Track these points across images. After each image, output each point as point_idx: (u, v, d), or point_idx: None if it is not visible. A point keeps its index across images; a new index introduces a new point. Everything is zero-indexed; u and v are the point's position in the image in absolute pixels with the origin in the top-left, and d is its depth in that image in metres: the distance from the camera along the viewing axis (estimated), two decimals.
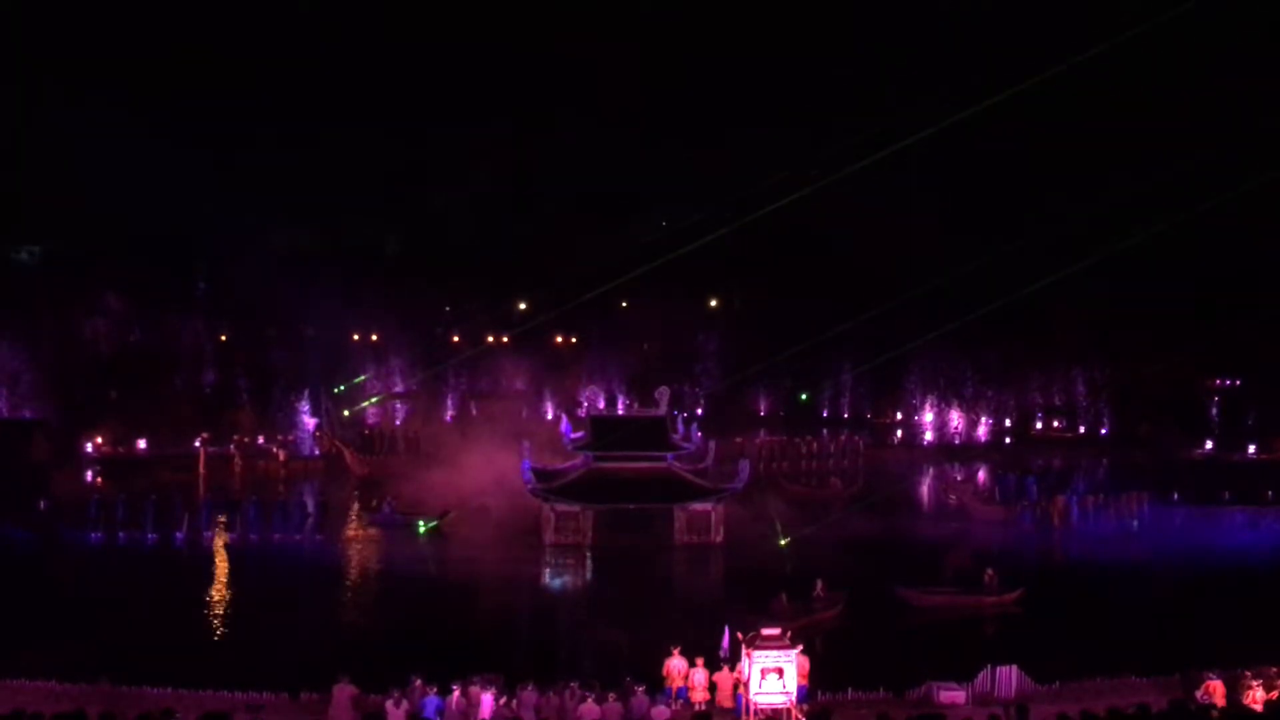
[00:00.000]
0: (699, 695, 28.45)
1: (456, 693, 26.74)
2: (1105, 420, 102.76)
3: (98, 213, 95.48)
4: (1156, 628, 36.79)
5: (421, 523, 55.37)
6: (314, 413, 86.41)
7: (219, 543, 52.51)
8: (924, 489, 76.75)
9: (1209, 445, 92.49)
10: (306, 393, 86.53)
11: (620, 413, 61.84)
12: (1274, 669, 28.10)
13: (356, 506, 62.85)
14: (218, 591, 44.09)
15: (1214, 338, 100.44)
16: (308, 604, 41.66)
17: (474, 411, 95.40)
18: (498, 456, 63.94)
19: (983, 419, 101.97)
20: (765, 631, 27.56)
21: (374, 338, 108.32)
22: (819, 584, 39.54)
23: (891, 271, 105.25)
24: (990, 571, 42.14)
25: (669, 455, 53.31)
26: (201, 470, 76.16)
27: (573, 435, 55.65)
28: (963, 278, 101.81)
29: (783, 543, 50.57)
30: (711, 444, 57.23)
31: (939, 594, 41.60)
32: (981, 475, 77.78)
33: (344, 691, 26.70)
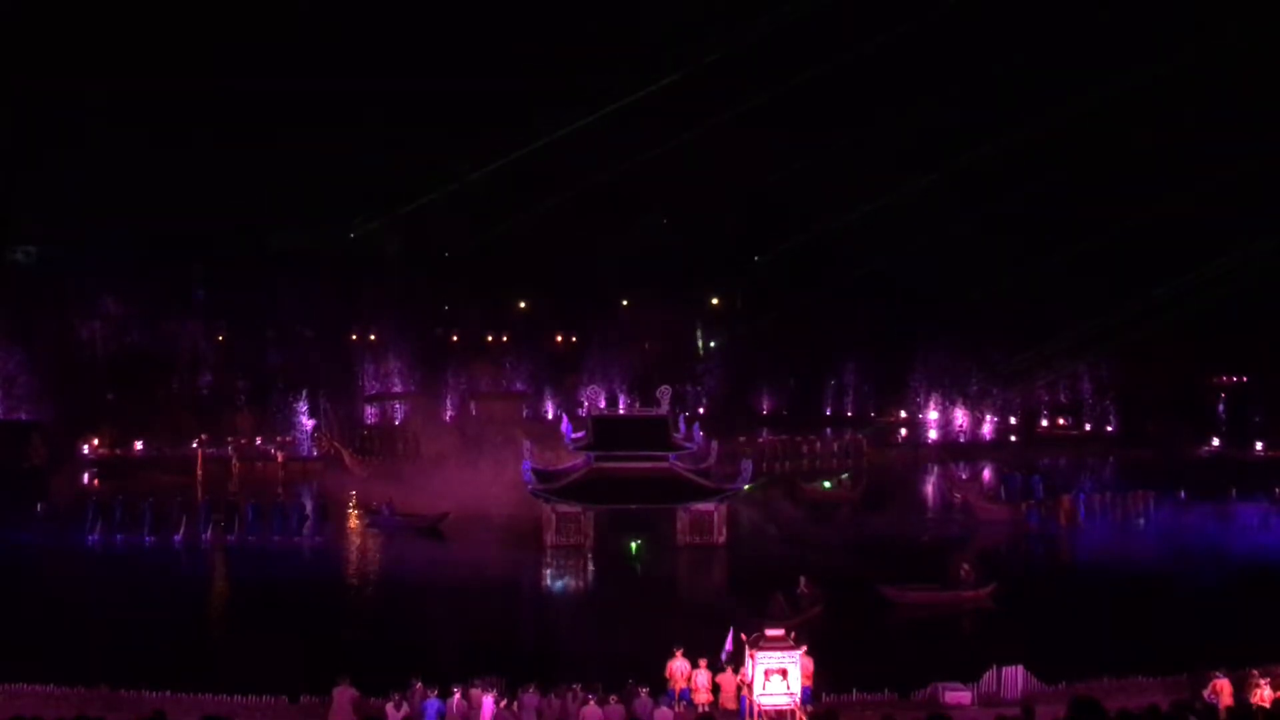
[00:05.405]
0: (702, 697, 28.27)
1: (457, 695, 26.62)
2: (1111, 418, 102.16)
3: (95, 213, 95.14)
4: (1163, 626, 36.54)
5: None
6: (312, 414, 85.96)
7: (217, 545, 52.14)
8: (929, 488, 76.44)
9: (1216, 442, 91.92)
10: (304, 394, 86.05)
11: (622, 412, 61.33)
12: None
13: (355, 508, 62.50)
14: (216, 594, 43.83)
15: (1220, 334, 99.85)
16: (307, 606, 41.30)
17: (474, 411, 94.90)
18: (498, 457, 63.72)
19: (988, 417, 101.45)
20: (769, 632, 27.30)
21: (372, 337, 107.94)
22: (802, 580, 39.53)
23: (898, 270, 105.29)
24: (966, 566, 42.46)
25: (671, 455, 52.90)
26: (199, 472, 75.72)
27: (574, 435, 55.22)
28: (967, 275, 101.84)
29: None
30: (714, 443, 56.74)
31: (919, 590, 41.76)
32: (986, 474, 77.36)
33: (344, 694, 26.60)
